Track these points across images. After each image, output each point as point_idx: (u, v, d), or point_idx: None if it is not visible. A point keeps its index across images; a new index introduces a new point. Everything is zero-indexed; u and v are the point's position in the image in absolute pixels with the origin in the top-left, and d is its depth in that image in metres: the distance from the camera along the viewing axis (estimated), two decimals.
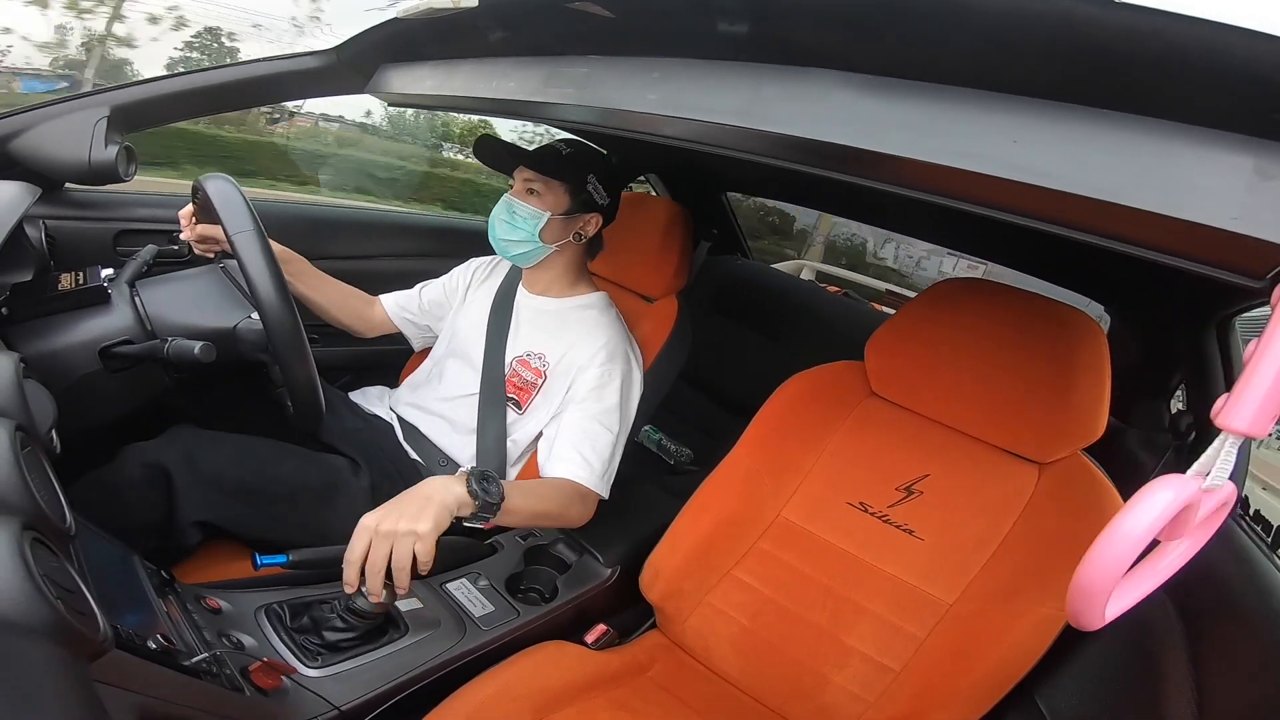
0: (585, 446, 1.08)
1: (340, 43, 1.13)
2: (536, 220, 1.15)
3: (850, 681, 0.93)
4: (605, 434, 1.10)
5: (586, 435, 1.09)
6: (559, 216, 1.16)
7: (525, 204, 1.15)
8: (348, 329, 1.33)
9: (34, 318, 0.81)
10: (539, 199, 1.15)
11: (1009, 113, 0.46)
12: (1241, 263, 0.42)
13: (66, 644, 0.39)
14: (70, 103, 1.05)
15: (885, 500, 1.00)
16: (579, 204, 1.17)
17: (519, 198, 1.16)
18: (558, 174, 1.15)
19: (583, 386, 1.13)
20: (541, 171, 1.15)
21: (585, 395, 1.12)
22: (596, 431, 1.09)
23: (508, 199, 1.17)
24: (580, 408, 1.11)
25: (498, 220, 1.18)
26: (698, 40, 0.61)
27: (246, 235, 0.81)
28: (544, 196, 1.15)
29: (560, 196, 1.15)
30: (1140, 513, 0.36)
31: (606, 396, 1.12)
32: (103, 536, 0.75)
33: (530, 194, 1.15)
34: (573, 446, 1.07)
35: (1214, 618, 0.72)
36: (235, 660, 0.70)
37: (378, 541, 0.76)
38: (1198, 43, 0.36)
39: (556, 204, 1.15)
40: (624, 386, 1.15)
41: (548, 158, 1.16)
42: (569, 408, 1.12)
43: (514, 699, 0.82)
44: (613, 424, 1.11)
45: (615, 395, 1.13)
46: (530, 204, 1.15)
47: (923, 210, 0.65)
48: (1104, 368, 0.89)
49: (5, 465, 0.46)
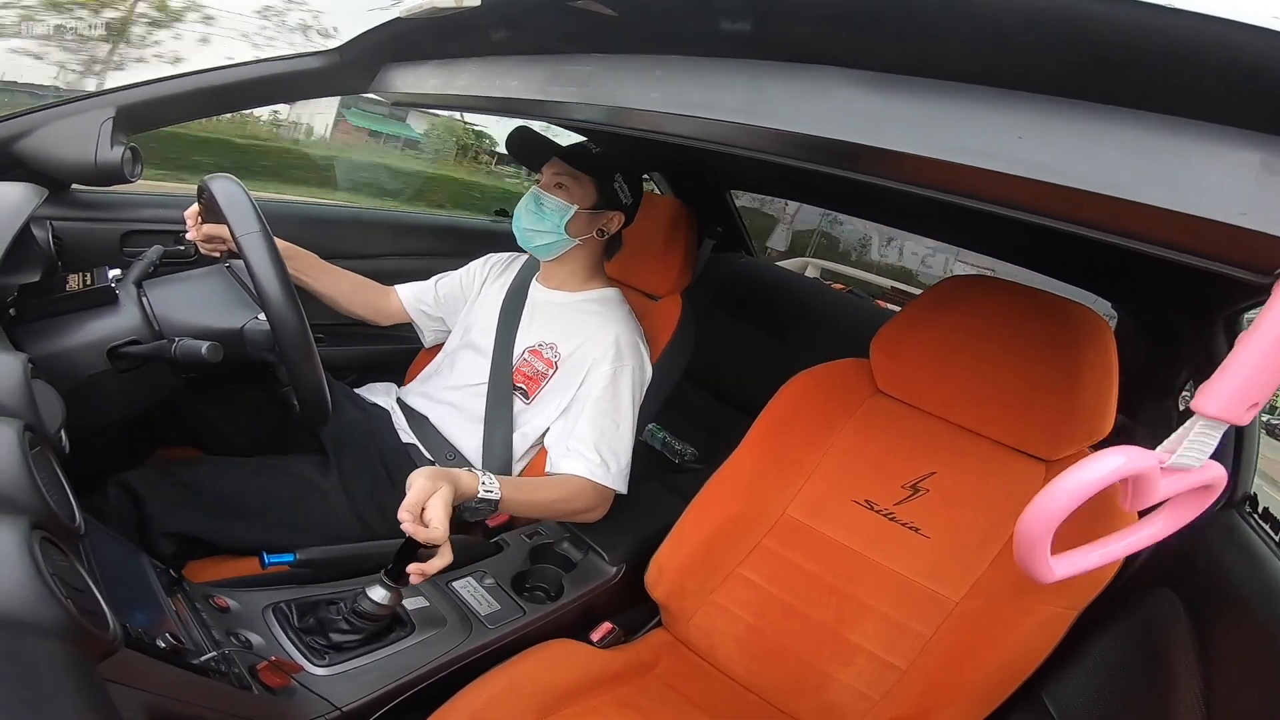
0: (603, 445, 1.09)
1: (343, 43, 1.13)
2: (563, 212, 1.16)
3: (856, 679, 0.93)
4: (618, 430, 1.12)
5: (604, 433, 1.10)
6: (585, 211, 1.18)
7: (553, 196, 1.17)
8: (361, 319, 1.34)
9: (42, 318, 0.81)
10: (566, 193, 1.17)
11: (1015, 109, 0.46)
12: (1250, 258, 0.42)
13: (76, 643, 0.39)
14: (76, 104, 1.06)
15: (891, 498, 1.00)
16: (605, 200, 1.19)
17: (547, 190, 1.18)
18: (588, 169, 1.17)
19: (596, 383, 1.14)
20: (574, 165, 1.17)
21: (600, 393, 1.13)
22: (611, 429, 1.11)
23: (536, 191, 1.19)
24: (595, 405, 1.12)
25: (524, 211, 1.20)
26: (701, 38, 0.61)
27: (253, 236, 0.81)
28: (572, 190, 1.17)
29: (588, 191, 1.18)
30: (1085, 471, 0.37)
31: (620, 393, 1.14)
32: (112, 536, 0.75)
33: (559, 188, 1.18)
34: (589, 445, 1.09)
35: (1222, 616, 0.72)
36: (243, 659, 0.70)
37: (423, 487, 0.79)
38: (1206, 39, 0.36)
39: (584, 198, 1.17)
40: (635, 382, 1.16)
41: (580, 153, 1.19)
42: (584, 405, 1.13)
43: (520, 697, 0.82)
44: (625, 420, 1.13)
45: (628, 391, 1.15)
46: (558, 196, 1.17)
47: (927, 207, 0.65)
48: (1111, 365, 0.88)
49: (15, 465, 0.46)
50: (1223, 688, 0.64)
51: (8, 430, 0.48)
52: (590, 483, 1.07)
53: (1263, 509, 0.91)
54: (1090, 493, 0.36)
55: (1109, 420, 0.88)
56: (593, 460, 1.07)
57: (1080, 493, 0.36)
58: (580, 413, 1.12)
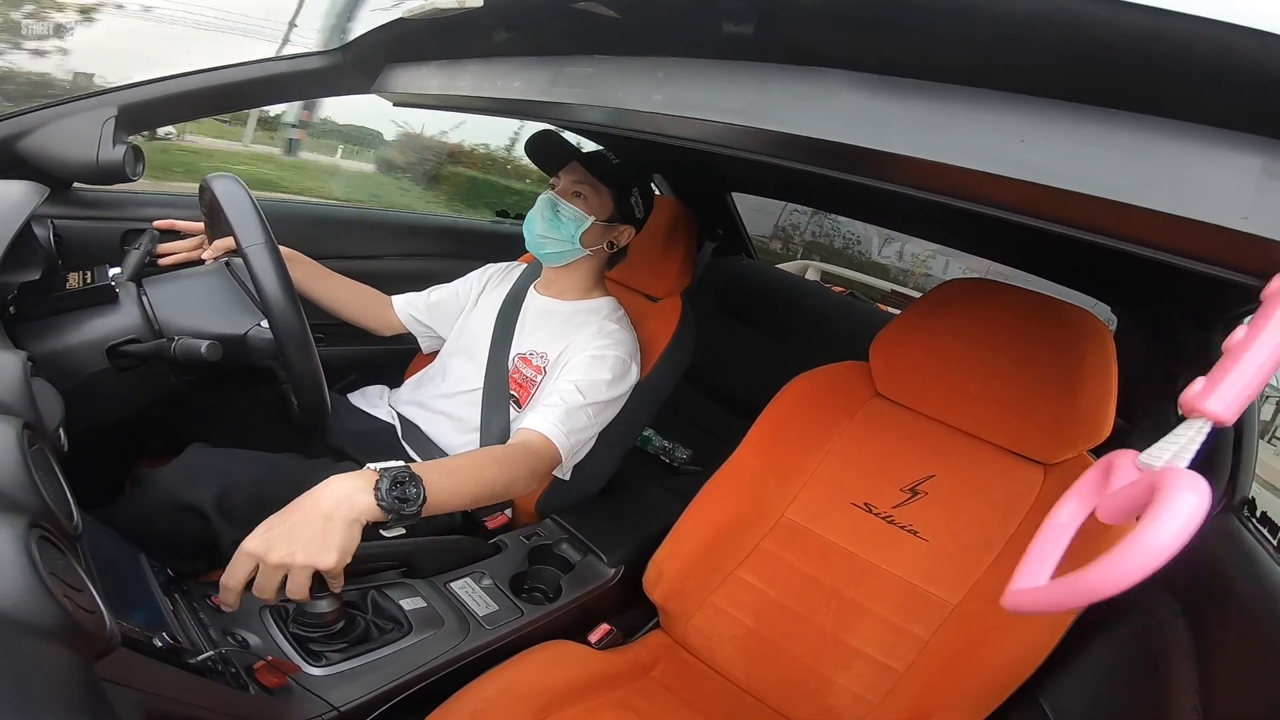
0: (555, 400, 1.05)
1: (346, 43, 1.13)
2: (580, 223, 1.15)
3: (854, 682, 0.93)
4: (581, 398, 1.06)
5: (563, 397, 1.06)
6: (601, 223, 1.16)
7: (571, 205, 1.15)
8: (366, 329, 1.34)
9: (42, 316, 0.81)
10: (585, 202, 1.15)
11: (1017, 112, 0.46)
12: (1251, 263, 0.42)
13: (73, 642, 0.39)
14: (78, 102, 1.06)
15: (890, 501, 1.00)
16: (620, 213, 1.18)
17: (565, 197, 1.16)
18: (608, 179, 1.15)
19: (576, 365, 1.11)
20: (595, 173, 1.15)
21: (575, 368, 1.11)
22: (572, 394, 1.06)
23: (552, 196, 1.17)
24: (566, 375, 1.10)
25: (539, 215, 1.17)
26: (703, 40, 0.61)
27: (258, 248, 0.82)
28: (590, 200, 1.15)
29: (606, 202, 1.16)
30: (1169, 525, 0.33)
31: (595, 371, 1.10)
32: (110, 535, 0.75)
33: (577, 196, 1.16)
34: (544, 404, 1.06)
35: (1219, 619, 0.72)
36: (240, 659, 0.70)
37: (266, 572, 0.65)
38: (1207, 43, 0.35)
39: (601, 209, 1.16)
40: (616, 372, 1.12)
41: (602, 161, 1.17)
42: (556, 377, 1.11)
43: (517, 698, 0.82)
44: (593, 395, 1.08)
45: (606, 373, 1.11)
46: (576, 205, 1.15)
47: (930, 210, 0.65)
48: (1111, 369, 0.88)
49: (13, 463, 0.46)
50: (1220, 691, 0.64)
51: (6, 428, 0.48)
52: (535, 440, 0.99)
53: (1261, 513, 0.91)
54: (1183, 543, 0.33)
55: (1108, 424, 0.88)
56: (552, 420, 1.02)
57: (1174, 548, 0.33)
58: (551, 382, 1.10)
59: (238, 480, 0.89)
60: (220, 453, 0.94)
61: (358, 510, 0.69)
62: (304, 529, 0.66)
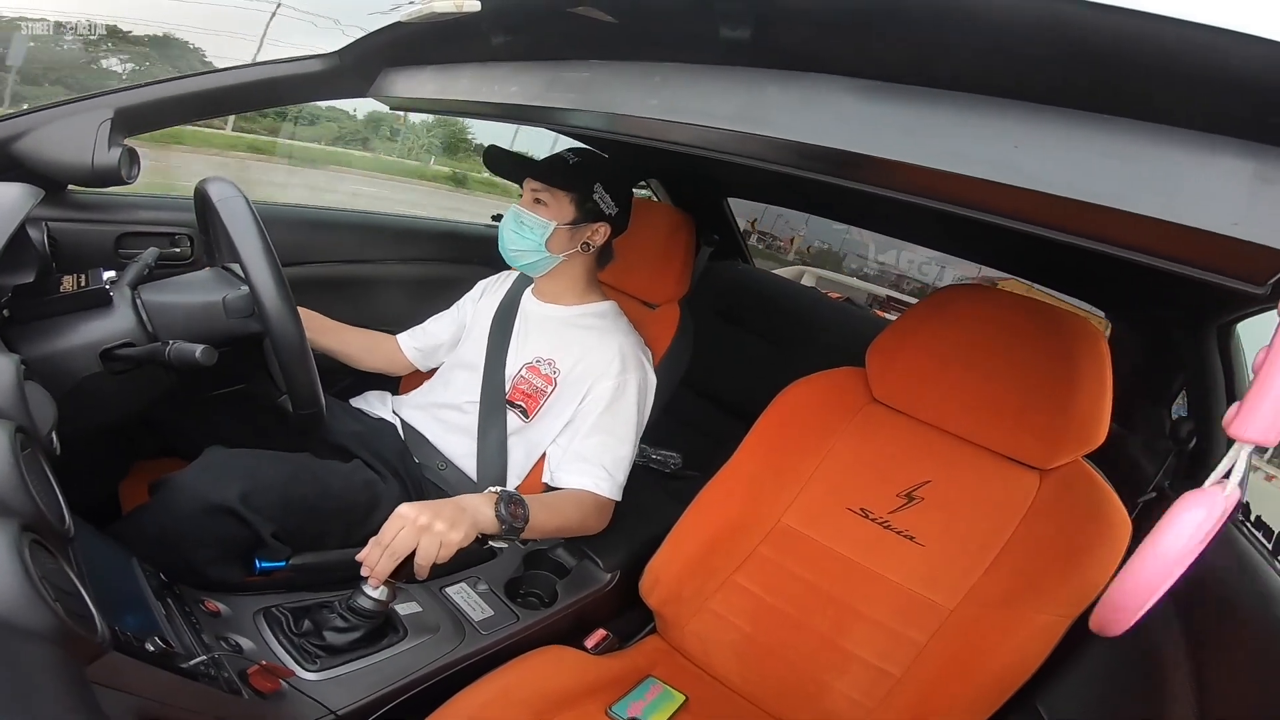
0: (606, 458, 1.09)
1: (343, 46, 1.13)
2: (543, 230, 1.15)
3: (851, 687, 0.93)
4: (622, 445, 1.12)
5: (606, 448, 1.10)
6: (564, 226, 1.16)
7: (533, 214, 1.16)
8: (380, 372, 1.35)
9: (35, 319, 0.81)
10: (545, 209, 1.16)
11: (1010, 118, 0.46)
12: (1243, 268, 0.42)
13: (64, 646, 0.38)
14: (74, 105, 1.05)
15: (886, 506, 1.00)
16: (585, 214, 1.17)
17: (526, 207, 1.17)
18: (563, 184, 1.15)
19: (599, 399, 1.13)
20: (547, 182, 1.16)
21: (604, 407, 1.12)
22: (613, 444, 1.11)
23: (516, 209, 1.18)
24: (599, 420, 1.12)
25: (507, 230, 1.18)
26: (699, 45, 0.61)
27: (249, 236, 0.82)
28: (550, 207, 1.16)
29: (566, 207, 1.16)
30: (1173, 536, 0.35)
31: (623, 408, 1.13)
32: (102, 539, 0.75)
33: (537, 204, 1.16)
34: (594, 460, 1.09)
35: (1215, 624, 0.72)
36: (233, 663, 0.70)
37: (409, 530, 0.79)
38: (1197, 48, 0.36)
39: (562, 214, 1.16)
40: (640, 395, 1.16)
41: (554, 168, 1.17)
42: (587, 419, 1.12)
43: (512, 704, 0.82)
44: (629, 434, 1.13)
45: (632, 405, 1.14)
46: (537, 214, 1.16)
47: (923, 216, 0.65)
48: (1105, 374, 0.89)
49: (5, 467, 0.46)
50: (1217, 694, 0.64)
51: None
52: (595, 497, 1.06)
53: (1255, 517, 0.92)
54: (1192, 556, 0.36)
55: (1103, 429, 0.88)
56: (599, 475, 1.07)
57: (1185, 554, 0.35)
58: (583, 427, 1.12)
59: (264, 480, 0.91)
60: (240, 453, 0.94)
61: (482, 516, 0.85)
62: (448, 512, 0.82)
